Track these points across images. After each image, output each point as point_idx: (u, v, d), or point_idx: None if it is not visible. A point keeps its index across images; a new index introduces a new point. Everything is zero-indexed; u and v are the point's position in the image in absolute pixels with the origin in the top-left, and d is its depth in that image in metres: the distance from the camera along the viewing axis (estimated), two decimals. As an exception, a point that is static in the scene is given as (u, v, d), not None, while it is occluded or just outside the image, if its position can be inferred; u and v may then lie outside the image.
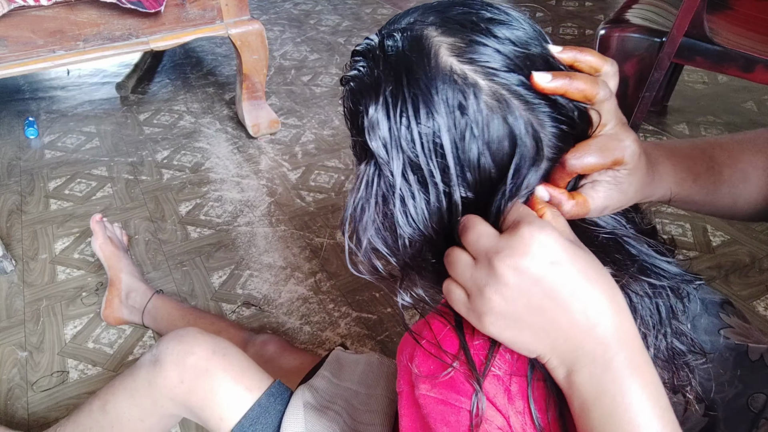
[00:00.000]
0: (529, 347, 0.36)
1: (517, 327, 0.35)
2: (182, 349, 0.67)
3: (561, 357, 0.35)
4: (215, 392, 0.65)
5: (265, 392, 0.67)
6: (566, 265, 0.34)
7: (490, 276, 0.34)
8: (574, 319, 0.34)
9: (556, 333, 0.34)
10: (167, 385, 0.66)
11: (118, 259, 1.14)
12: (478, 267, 0.35)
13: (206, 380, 0.65)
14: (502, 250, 0.34)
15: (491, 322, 0.35)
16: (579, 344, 0.34)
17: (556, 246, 0.34)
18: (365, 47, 0.41)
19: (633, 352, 0.34)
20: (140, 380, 0.69)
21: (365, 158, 0.41)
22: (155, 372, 0.67)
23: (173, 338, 0.68)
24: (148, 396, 0.68)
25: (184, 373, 0.66)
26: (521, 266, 0.33)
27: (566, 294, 0.34)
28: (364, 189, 0.41)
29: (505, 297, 0.34)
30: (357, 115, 0.41)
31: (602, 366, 0.34)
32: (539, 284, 0.34)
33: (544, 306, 0.34)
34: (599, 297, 0.34)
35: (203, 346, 0.67)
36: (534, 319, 0.34)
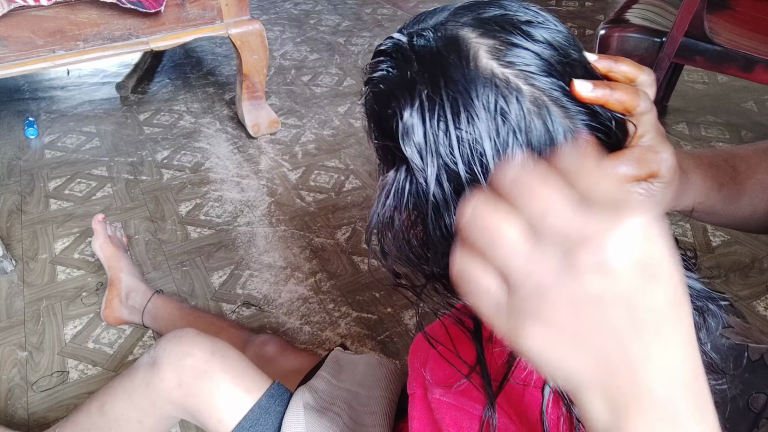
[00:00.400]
0: (572, 374, 0.26)
1: (574, 347, 0.25)
2: (180, 350, 0.66)
3: (612, 395, 0.26)
4: (213, 394, 0.65)
5: (264, 393, 0.66)
6: (667, 284, 0.25)
7: (566, 271, 0.24)
8: (652, 355, 0.25)
9: (626, 363, 0.25)
10: (165, 387, 0.66)
11: (118, 259, 1.14)
12: (544, 253, 0.25)
13: (204, 382, 0.65)
14: (595, 239, 0.24)
15: (536, 335, 0.26)
16: (649, 384, 0.26)
17: (665, 255, 0.25)
18: (392, 46, 0.39)
19: (703, 401, 0.26)
20: (138, 382, 0.68)
21: (393, 163, 0.39)
22: (153, 374, 0.66)
23: (171, 340, 0.68)
24: (145, 398, 0.68)
25: (182, 375, 0.65)
26: (618, 269, 0.24)
27: (647, 315, 0.25)
28: (393, 196, 0.38)
29: (577, 305, 0.24)
30: (385, 119, 0.38)
31: (669, 418, 0.26)
32: (628, 301, 0.24)
33: (622, 331, 0.25)
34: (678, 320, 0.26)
35: (201, 347, 0.67)
36: (602, 343, 0.25)
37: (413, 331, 1.10)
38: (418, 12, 0.44)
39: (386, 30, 2.50)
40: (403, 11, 2.71)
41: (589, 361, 0.26)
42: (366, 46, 2.35)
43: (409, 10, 2.72)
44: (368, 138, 0.43)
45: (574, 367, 0.26)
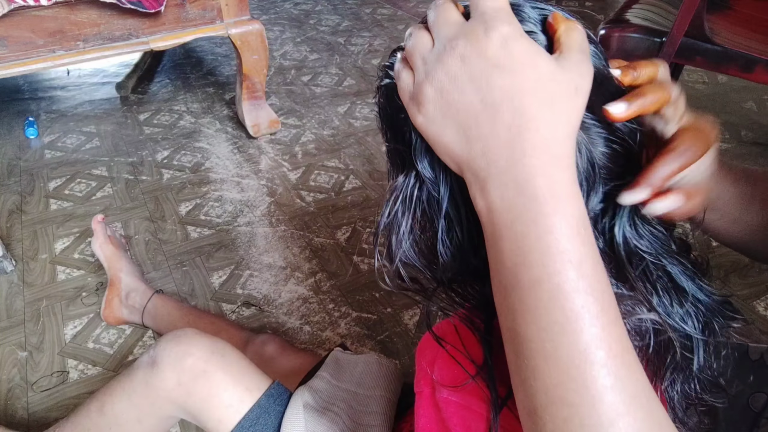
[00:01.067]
0: (449, 152, 0.32)
1: (442, 123, 0.32)
2: (180, 350, 0.66)
3: (475, 171, 0.31)
4: (213, 394, 0.65)
5: (264, 393, 0.66)
6: (514, 69, 0.29)
7: (438, 62, 0.31)
8: (497, 125, 0.30)
9: (478, 140, 0.30)
10: (165, 387, 0.66)
11: (118, 259, 1.14)
12: (433, 50, 0.32)
13: (204, 382, 0.65)
14: (459, 37, 0.31)
15: (423, 113, 0.32)
16: (496, 158, 0.30)
17: (518, 48, 0.30)
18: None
19: (559, 178, 0.29)
20: (137, 382, 0.68)
21: (403, 167, 0.38)
22: (152, 374, 0.66)
23: (171, 339, 0.68)
24: (145, 397, 0.68)
25: (181, 375, 0.65)
26: (468, 56, 0.30)
27: (499, 95, 0.29)
28: (401, 203, 0.38)
29: (442, 86, 0.31)
30: (398, 123, 0.38)
31: (516, 187, 0.29)
32: (479, 81, 0.30)
33: (475, 107, 0.30)
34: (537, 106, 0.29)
35: (201, 347, 0.67)
36: (461, 119, 0.31)
37: (413, 331, 1.10)
38: (418, 12, 0.44)
39: (386, 30, 2.50)
40: (403, 11, 2.72)
41: (457, 138, 0.31)
42: (366, 46, 2.35)
43: (409, 10, 2.72)
44: (381, 135, 0.42)
45: (448, 143, 0.32)
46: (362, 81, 2.07)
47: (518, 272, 0.29)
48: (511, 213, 0.30)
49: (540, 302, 0.29)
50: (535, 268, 0.29)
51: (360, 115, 1.85)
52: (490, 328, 0.39)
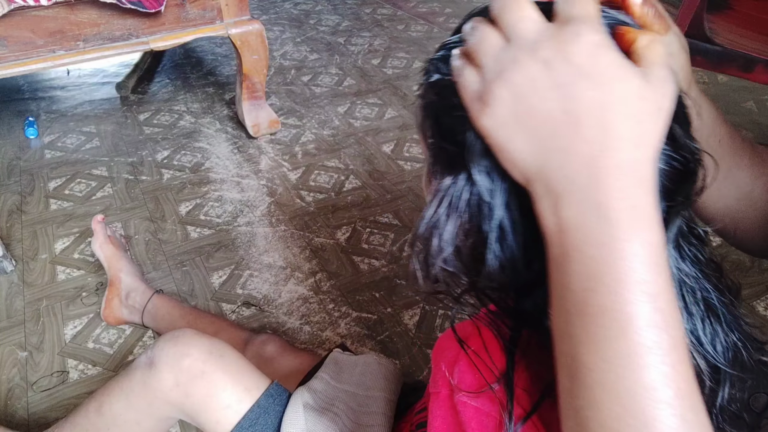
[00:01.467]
0: (517, 160, 0.30)
1: (513, 129, 0.30)
2: (178, 351, 0.66)
3: (548, 185, 0.29)
4: (212, 395, 0.64)
5: (264, 393, 0.66)
6: (605, 82, 0.27)
7: (515, 63, 0.29)
8: (579, 139, 0.28)
9: (555, 152, 0.28)
10: (163, 388, 0.65)
11: (117, 259, 1.14)
12: (508, 49, 0.30)
13: (202, 383, 0.64)
14: (543, 40, 0.29)
15: (492, 115, 0.30)
16: (575, 174, 0.28)
17: (607, 59, 0.28)
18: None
19: (641, 202, 0.28)
20: (135, 382, 0.68)
21: (451, 168, 0.36)
22: (150, 374, 0.66)
23: (168, 340, 0.67)
24: (143, 398, 0.67)
25: (179, 376, 0.65)
26: (552, 61, 0.28)
27: (584, 107, 0.28)
28: (447, 206, 0.36)
29: (519, 90, 0.29)
30: (450, 120, 0.35)
31: (594, 208, 0.27)
32: (563, 89, 0.28)
33: (555, 117, 0.28)
34: (624, 123, 0.27)
35: (199, 347, 0.66)
36: (537, 127, 0.29)
37: (413, 331, 1.10)
38: (418, 12, 0.43)
39: (386, 30, 2.50)
40: (403, 11, 2.72)
41: (530, 146, 0.29)
42: (366, 46, 2.35)
43: (409, 10, 2.72)
44: (420, 131, 0.40)
45: (519, 151, 0.30)
46: (362, 81, 2.07)
47: (587, 298, 0.28)
48: (586, 235, 0.28)
49: (608, 332, 0.27)
50: (607, 296, 0.27)
51: (360, 115, 1.85)
52: (516, 339, 0.38)
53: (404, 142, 1.70)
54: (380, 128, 1.77)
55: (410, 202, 1.45)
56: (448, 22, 2.57)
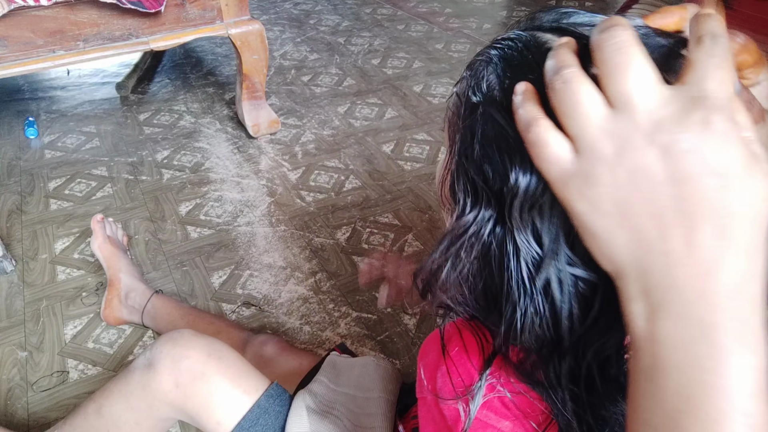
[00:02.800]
0: (610, 251, 0.27)
1: (613, 220, 0.26)
2: (177, 352, 0.65)
3: (646, 289, 0.26)
4: (212, 396, 0.64)
5: (264, 394, 0.66)
6: (734, 182, 0.24)
7: (627, 144, 0.25)
8: (694, 245, 0.24)
9: (661, 255, 0.25)
10: (162, 390, 0.65)
11: (117, 259, 1.14)
12: (616, 122, 0.25)
13: (202, 384, 0.64)
14: (664, 122, 0.24)
15: (588, 200, 0.26)
16: (681, 285, 0.24)
17: (739, 154, 0.24)
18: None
19: (750, 323, 0.25)
20: (134, 384, 0.68)
21: (476, 202, 0.33)
22: (150, 376, 0.66)
23: (167, 341, 0.67)
24: (143, 400, 0.67)
25: (179, 378, 0.65)
26: (673, 151, 0.24)
27: (706, 210, 0.24)
28: (467, 241, 0.33)
29: (627, 179, 0.25)
30: (498, 156, 0.31)
31: (699, 328, 0.24)
32: (682, 186, 0.24)
33: (666, 215, 0.24)
34: (745, 231, 0.24)
35: (198, 349, 0.66)
36: (644, 223, 0.25)
37: (413, 331, 1.10)
38: (418, 12, 0.42)
39: (386, 30, 2.50)
40: (403, 11, 2.72)
41: (631, 242, 0.26)
42: (366, 46, 2.35)
43: (409, 10, 2.72)
44: (448, 134, 0.36)
45: (618, 244, 0.26)
46: (362, 81, 2.07)
47: (679, 420, 0.25)
48: (686, 354, 0.25)
49: None
50: (703, 424, 0.24)
51: (360, 115, 1.85)
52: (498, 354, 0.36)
53: (404, 142, 1.70)
54: (380, 128, 1.77)
55: (410, 202, 1.45)
56: (448, 21, 2.57)
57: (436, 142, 1.69)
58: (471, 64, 0.36)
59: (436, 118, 1.81)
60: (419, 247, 1.30)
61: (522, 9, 2.68)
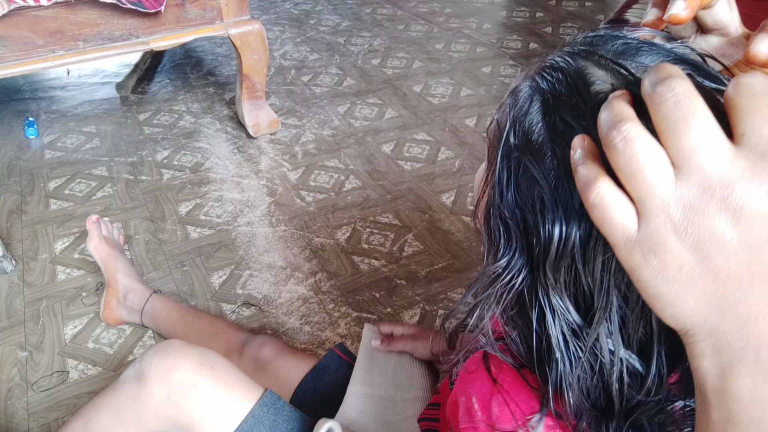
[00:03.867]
0: (681, 316, 0.26)
1: (684, 287, 0.25)
2: (167, 364, 0.64)
3: (719, 347, 0.25)
4: (204, 406, 0.63)
5: (257, 403, 0.64)
6: None
7: (696, 211, 0.24)
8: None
9: (735, 317, 0.24)
10: (153, 402, 0.63)
11: (114, 259, 1.13)
12: (682, 187, 0.24)
13: (194, 395, 0.63)
14: (733, 184, 0.23)
15: (658, 270, 0.25)
16: (758, 344, 0.24)
17: None
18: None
19: None
20: (124, 396, 0.66)
21: (510, 246, 0.32)
22: (140, 388, 0.64)
23: (157, 353, 0.65)
24: (132, 413, 0.65)
25: (170, 389, 0.63)
26: (745, 218, 0.23)
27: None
28: (499, 288, 0.32)
29: (698, 246, 0.24)
30: (531, 197, 0.31)
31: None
32: (758, 251, 0.23)
33: (742, 281, 0.24)
34: None
35: (189, 359, 0.65)
36: (716, 289, 0.24)
37: (413, 331, 1.10)
38: (418, 12, 0.41)
39: (386, 30, 2.50)
40: (403, 11, 2.72)
41: (702, 305, 0.25)
42: (366, 46, 2.35)
43: (409, 10, 2.72)
44: (488, 166, 0.35)
45: (686, 307, 0.25)
46: (362, 81, 2.07)
47: None
48: (764, 411, 0.24)
49: None
50: None
51: (360, 115, 1.85)
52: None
53: (404, 142, 1.70)
54: (380, 128, 1.77)
55: (410, 202, 1.45)
56: (448, 21, 2.57)
57: (436, 142, 1.70)
58: (515, 90, 0.34)
59: (436, 118, 1.81)
60: (419, 247, 1.31)
61: (522, 9, 2.68)
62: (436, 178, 1.54)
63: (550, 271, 0.30)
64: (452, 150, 1.66)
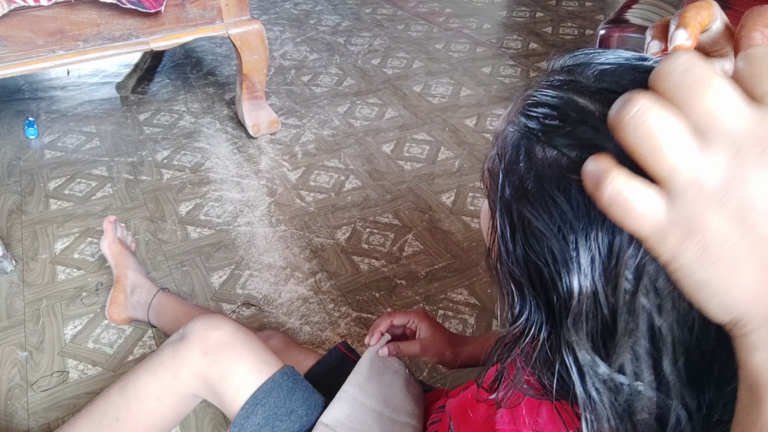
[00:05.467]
0: (731, 302, 0.22)
1: (733, 266, 0.22)
2: (210, 324, 0.72)
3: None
4: (236, 363, 0.69)
5: (279, 370, 0.70)
6: None
7: (736, 171, 0.21)
8: None
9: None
10: (191, 357, 0.70)
11: (125, 257, 1.15)
12: (714, 147, 0.21)
13: (229, 352, 0.70)
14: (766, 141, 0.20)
15: (694, 247, 0.22)
16: None
17: None
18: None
19: None
20: (165, 356, 0.72)
21: (525, 302, 0.31)
22: (181, 345, 0.71)
23: (200, 318, 0.73)
24: (169, 370, 0.71)
25: (208, 345, 0.70)
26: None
27: None
28: (522, 348, 0.31)
29: (746, 213, 0.21)
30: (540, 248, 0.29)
31: None
32: None
33: None
34: None
35: (229, 324, 0.73)
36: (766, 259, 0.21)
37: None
38: (418, 12, 0.40)
39: (386, 30, 2.50)
40: (403, 11, 2.72)
41: (753, 286, 0.22)
42: (366, 46, 2.35)
43: (409, 10, 2.72)
44: (491, 214, 0.33)
45: (734, 292, 0.22)
46: (362, 81, 2.07)
47: None
48: None
49: None
50: None
51: (360, 115, 1.85)
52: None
53: (404, 142, 1.70)
54: (380, 128, 1.77)
55: (410, 202, 1.45)
56: (448, 21, 2.57)
57: (436, 142, 1.70)
58: (500, 135, 0.32)
59: (436, 118, 1.81)
60: (419, 247, 1.31)
61: (522, 9, 2.68)
62: (436, 178, 1.54)
63: (572, 327, 0.27)
64: (452, 150, 1.66)
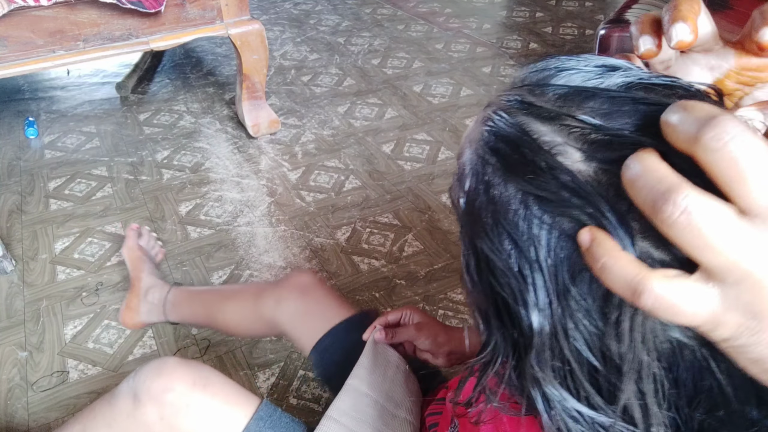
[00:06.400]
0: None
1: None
2: (160, 385, 0.64)
3: None
4: (197, 427, 0.63)
5: (252, 417, 0.65)
6: None
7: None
8: None
9: None
10: (147, 422, 0.64)
11: (142, 262, 1.16)
12: (762, 228, 0.20)
13: (187, 415, 0.63)
14: None
15: (755, 330, 0.21)
16: None
17: None
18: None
19: None
20: (118, 412, 0.67)
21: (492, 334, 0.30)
22: (134, 408, 0.65)
23: (151, 372, 0.66)
24: (126, 429, 0.66)
25: (163, 410, 0.64)
26: None
27: None
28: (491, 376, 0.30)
29: None
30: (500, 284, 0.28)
31: None
32: None
33: None
34: None
35: (182, 380, 0.65)
36: None
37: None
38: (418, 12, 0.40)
39: (386, 30, 2.50)
40: (403, 11, 2.72)
41: None
42: (366, 46, 2.35)
43: (409, 10, 2.72)
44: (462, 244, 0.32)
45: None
46: (362, 81, 2.07)
47: None
48: None
49: None
50: None
51: (360, 115, 1.85)
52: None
53: (404, 142, 1.70)
54: (380, 128, 1.77)
55: (410, 202, 1.45)
56: (448, 21, 2.58)
57: (436, 142, 1.70)
58: (462, 154, 0.31)
59: (436, 118, 1.81)
60: (419, 247, 1.30)
61: (522, 9, 2.68)
62: (436, 178, 1.54)
63: (536, 363, 0.26)
64: (452, 150, 1.66)
